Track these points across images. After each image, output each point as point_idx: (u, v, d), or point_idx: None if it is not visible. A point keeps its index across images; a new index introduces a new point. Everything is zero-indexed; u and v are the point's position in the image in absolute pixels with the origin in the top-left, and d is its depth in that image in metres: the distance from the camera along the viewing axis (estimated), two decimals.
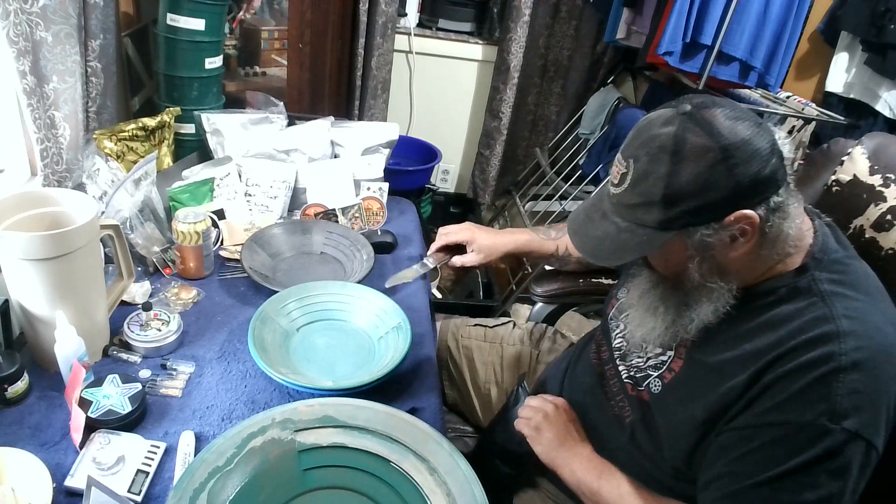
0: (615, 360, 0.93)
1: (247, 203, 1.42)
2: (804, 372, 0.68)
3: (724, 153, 0.67)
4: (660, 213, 0.70)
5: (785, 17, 1.82)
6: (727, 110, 0.69)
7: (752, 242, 0.71)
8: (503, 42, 2.41)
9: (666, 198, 0.69)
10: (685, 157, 0.68)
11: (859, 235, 0.94)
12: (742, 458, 0.70)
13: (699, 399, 0.76)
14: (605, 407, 0.92)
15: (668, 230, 0.71)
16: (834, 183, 1.00)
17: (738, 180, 0.67)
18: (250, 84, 2.08)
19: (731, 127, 0.68)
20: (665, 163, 0.68)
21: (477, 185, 2.74)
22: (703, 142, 0.67)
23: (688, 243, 0.72)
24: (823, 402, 0.66)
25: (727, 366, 0.74)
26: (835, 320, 0.69)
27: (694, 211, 0.69)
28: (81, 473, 0.78)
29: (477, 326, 1.32)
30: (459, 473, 0.81)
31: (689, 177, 0.68)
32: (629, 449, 0.87)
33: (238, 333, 1.09)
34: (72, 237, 0.86)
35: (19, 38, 1.03)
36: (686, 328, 0.77)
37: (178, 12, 1.42)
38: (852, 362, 0.67)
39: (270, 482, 0.80)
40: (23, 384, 0.89)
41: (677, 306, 0.78)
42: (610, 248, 0.75)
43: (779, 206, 0.70)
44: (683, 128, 0.68)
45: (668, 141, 0.69)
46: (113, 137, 1.32)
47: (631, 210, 0.73)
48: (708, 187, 0.68)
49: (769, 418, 0.69)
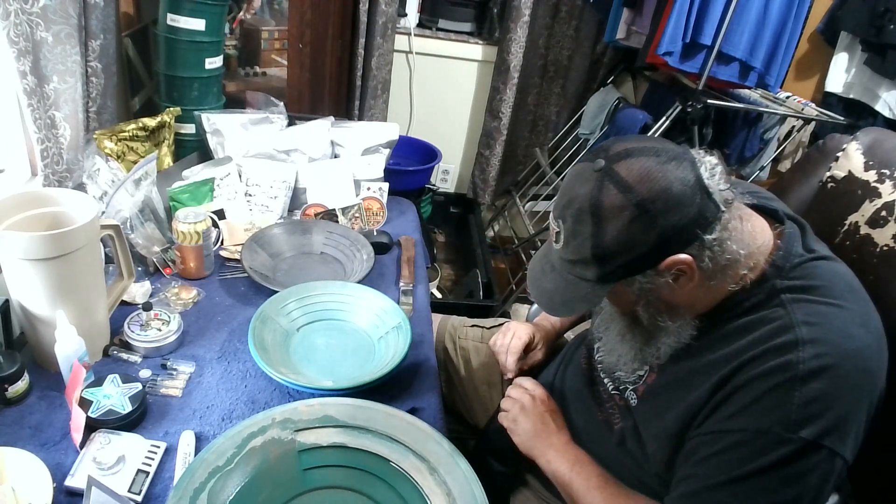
0: (600, 371, 0.95)
1: (247, 203, 1.42)
2: (762, 381, 0.68)
3: (640, 209, 0.67)
4: (596, 269, 0.72)
5: (785, 17, 1.82)
6: (643, 159, 0.69)
7: (695, 280, 0.71)
8: (503, 42, 2.41)
9: (596, 257, 0.71)
10: (603, 218, 0.69)
11: (854, 232, 0.93)
12: (703, 462, 0.71)
13: (670, 410, 0.77)
14: (593, 411, 0.93)
15: (608, 283, 0.73)
16: (829, 179, 0.99)
17: (660, 231, 0.68)
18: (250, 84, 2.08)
19: (646, 178, 0.67)
20: (588, 223, 0.70)
21: (477, 185, 2.74)
22: (618, 201, 0.68)
23: (629, 291, 0.74)
24: (778, 411, 0.67)
25: (693, 376, 0.75)
26: (794, 328, 0.69)
27: (626, 265, 0.70)
28: (82, 473, 0.78)
29: (474, 327, 1.32)
30: (459, 473, 0.81)
31: (611, 236, 0.69)
32: (618, 453, 0.88)
33: (238, 333, 1.09)
34: (72, 237, 0.86)
35: (20, 38, 1.03)
36: (655, 355, 0.79)
37: (178, 12, 1.42)
38: (810, 371, 0.66)
39: (270, 482, 0.81)
40: (23, 384, 0.89)
41: (643, 335, 0.80)
42: (561, 301, 0.78)
43: (713, 243, 0.70)
44: (599, 187, 0.69)
45: (585, 202, 0.70)
46: (113, 137, 1.32)
47: (572, 265, 0.74)
48: (632, 243, 0.69)
49: (729, 425, 0.70)
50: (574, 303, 0.77)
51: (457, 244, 2.83)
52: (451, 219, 2.89)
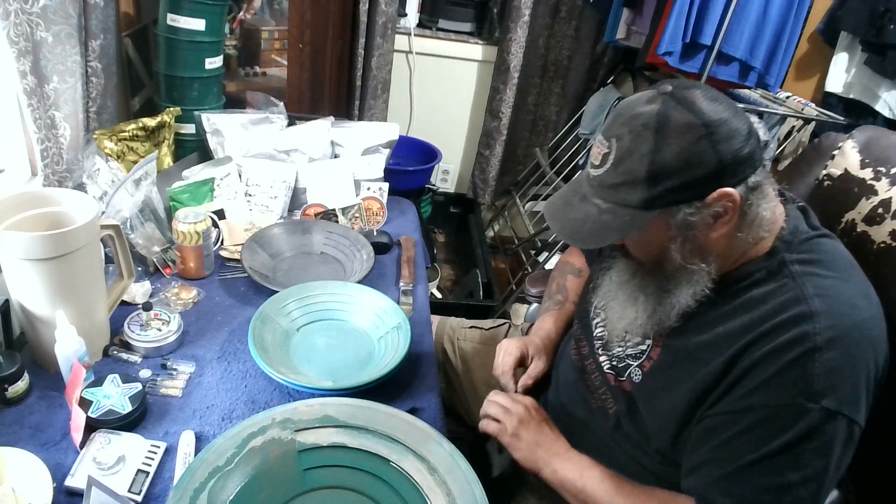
0: (596, 352, 0.94)
1: (247, 203, 1.42)
2: (780, 354, 0.69)
3: (707, 129, 0.67)
4: (643, 192, 0.70)
5: (785, 17, 1.83)
6: (706, 91, 0.71)
7: (732, 223, 0.72)
8: (503, 42, 2.41)
9: (650, 175, 0.69)
10: (669, 134, 0.68)
11: (851, 230, 0.93)
12: (726, 443, 0.71)
13: (679, 386, 0.77)
14: (588, 400, 0.94)
15: (652, 209, 0.71)
16: (825, 177, 1.00)
17: (720, 157, 0.68)
18: (250, 84, 2.08)
19: (711, 106, 0.69)
20: (649, 140, 0.69)
21: (477, 185, 2.75)
22: (687, 118, 0.68)
23: (670, 223, 0.72)
24: (801, 383, 0.67)
25: (703, 351, 0.75)
26: (807, 300, 0.70)
27: (677, 188, 0.69)
28: (82, 473, 0.78)
29: (473, 328, 1.32)
30: (459, 473, 0.81)
31: (673, 153, 0.68)
32: (615, 437, 0.88)
33: (238, 333, 1.09)
34: (72, 237, 0.86)
35: (20, 38, 1.03)
36: (668, 315, 0.78)
37: (178, 12, 1.42)
38: (826, 341, 0.68)
39: (270, 482, 0.81)
40: (23, 384, 0.89)
41: (657, 293, 0.78)
42: (591, 230, 0.74)
43: (757, 186, 0.72)
44: (666, 105, 0.69)
45: (651, 118, 0.69)
46: (113, 137, 1.32)
47: (613, 190, 0.72)
48: (691, 163, 0.68)
49: (749, 402, 0.70)
50: (606, 232, 0.73)
51: (457, 244, 2.83)
52: (451, 219, 2.89)
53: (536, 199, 2.68)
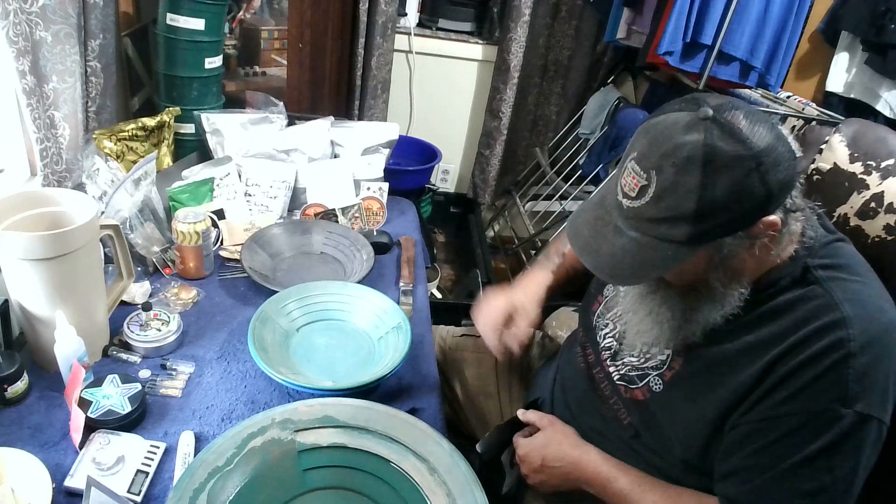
0: (604, 361, 0.92)
1: (247, 203, 1.42)
2: (816, 361, 0.68)
3: (756, 161, 0.64)
4: (689, 228, 0.66)
5: (785, 16, 1.82)
6: (747, 112, 0.66)
7: (771, 246, 0.71)
8: (503, 42, 2.41)
9: (698, 212, 0.65)
10: (718, 169, 0.63)
11: (844, 224, 0.93)
12: (762, 451, 0.71)
13: (706, 395, 0.76)
14: (601, 409, 0.92)
15: (698, 245, 0.68)
16: (814, 172, 0.99)
17: (769, 188, 0.65)
18: (250, 84, 2.08)
19: (755, 130, 0.65)
20: (695, 175, 0.64)
21: (477, 185, 2.74)
22: (735, 150, 0.64)
23: (713, 256, 0.70)
24: (836, 389, 0.68)
25: (731, 359, 0.74)
26: (838, 307, 0.70)
27: (727, 223, 0.66)
28: (81, 473, 0.78)
29: (464, 337, 1.28)
30: (459, 473, 0.81)
31: (723, 189, 0.64)
32: (634, 447, 0.87)
33: (238, 333, 1.09)
34: (72, 237, 0.86)
35: (19, 37, 1.02)
36: (693, 332, 0.76)
37: (178, 12, 1.42)
38: (860, 346, 0.68)
39: (270, 482, 0.80)
40: (22, 384, 0.89)
41: (683, 311, 0.76)
42: (630, 267, 0.71)
43: (794, 207, 0.70)
44: (711, 135, 0.64)
45: (696, 151, 0.64)
46: (113, 137, 1.32)
47: (653, 224, 0.68)
48: (741, 198, 0.64)
49: (785, 409, 0.70)
50: (648, 267, 0.70)
51: (457, 244, 2.82)
52: (451, 219, 2.89)
53: (536, 199, 2.68)
